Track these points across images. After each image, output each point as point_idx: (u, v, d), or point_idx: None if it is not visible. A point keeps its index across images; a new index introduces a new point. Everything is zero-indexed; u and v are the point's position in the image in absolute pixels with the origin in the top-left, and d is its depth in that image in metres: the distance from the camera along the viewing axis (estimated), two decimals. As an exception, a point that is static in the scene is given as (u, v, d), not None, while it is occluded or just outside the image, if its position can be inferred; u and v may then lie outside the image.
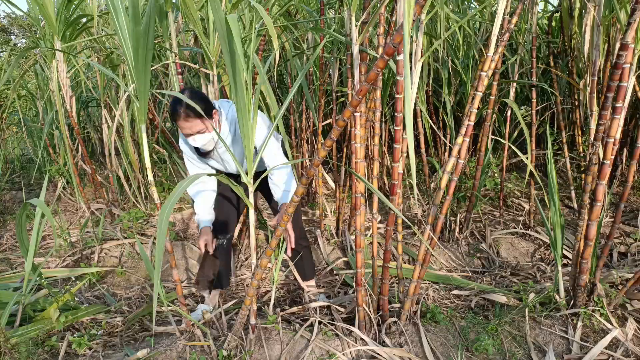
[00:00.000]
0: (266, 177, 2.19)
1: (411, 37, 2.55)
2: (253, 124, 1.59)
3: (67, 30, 2.80)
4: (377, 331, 1.90)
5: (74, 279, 2.65)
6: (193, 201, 2.30)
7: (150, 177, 1.72)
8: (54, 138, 3.73)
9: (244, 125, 1.55)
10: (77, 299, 2.38)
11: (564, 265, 2.58)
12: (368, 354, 1.78)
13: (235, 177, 2.36)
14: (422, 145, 3.29)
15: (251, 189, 1.72)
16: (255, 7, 2.73)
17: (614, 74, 1.65)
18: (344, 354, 1.76)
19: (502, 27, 1.90)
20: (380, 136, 3.49)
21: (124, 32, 1.44)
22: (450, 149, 3.01)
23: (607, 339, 1.79)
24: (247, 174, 1.67)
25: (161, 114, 3.81)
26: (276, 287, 2.64)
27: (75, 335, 1.95)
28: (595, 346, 1.78)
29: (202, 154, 2.13)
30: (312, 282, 2.47)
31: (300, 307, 2.20)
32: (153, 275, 1.83)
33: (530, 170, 2.67)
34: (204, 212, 2.25)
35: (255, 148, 2.07)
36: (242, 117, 1.53)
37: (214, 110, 1.98)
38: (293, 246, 1.98)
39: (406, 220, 1.47)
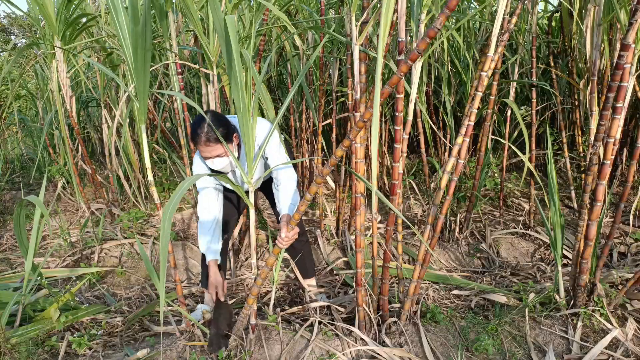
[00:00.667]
0: (271, 181, 2.17)
1: (411, 37, 2.55)
2: (253, 124, 1.59)
3: (67, 30, 2.80)
4: (377, 331, 1.90)
5: (74, 279, 2.65)
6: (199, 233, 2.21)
7: (150, 177, 1.72)
8: (54, 138, 3.73)
9: (244, 126, 1.55)
10: (77, 299, 2.38)
11: (564, 265, 2.58)
12: (368, 354, 1.78)
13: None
14: (422, 145, 3.29)
15: (251, 189, 1.73)
16: (255, 8, 2.73)
17: (615, 74, 1.65)
18: (344, 354, 1.76)
19: (502, 27, 1.90)
20: (380, 136, 3.49)
21: (124, 32, 1.44)
22: (450, 149, 3.01)
23: (607, 339, 1.79)
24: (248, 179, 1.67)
25: (161, 114, 3.81)
26: (276, 287, 2.64)
27: (75, 335, 1.95)
28: (595, 346, 1.78)
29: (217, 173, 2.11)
30: (313, 281, 2.47)
31: (300, 307, 2.20)
32: (153, 275, 1.83)
33: (530, 170, 2.67)
34: (213, 240, 2.16)
35: (262, 157, 2.06)
36: (242, 117, 1.53)
37: (234, 134, 1.95)
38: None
39: (406, 221, 1.47)
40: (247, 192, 1.75)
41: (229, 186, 2.16)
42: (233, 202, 2.36)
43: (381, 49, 1.20)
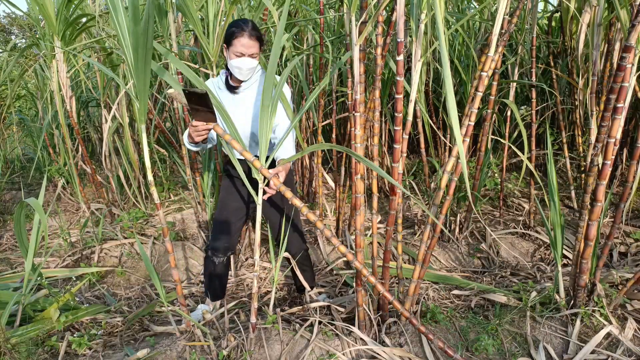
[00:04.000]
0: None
1: (410, 37, 2.55)
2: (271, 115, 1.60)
3: (67, 30, 2.80)
4: (377, 331, 1.90)
5: (74, 279, 2.65)
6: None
7: (150, 177, 1.72)
8: (54, 138, 3.73)
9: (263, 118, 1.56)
10: (77, 299, 2.38)
11: (564, 265, 2.58)
12: (368, 354, 1.78)
13: (246, 167, 2.25)
14: (422, 145, 3.29)
15: (261, 185, 1.70)
16: (254, 7, 2.73)
17: (617, 75, 1.64)
18: (343, 354, 1.76)
19: (502, 27, 1.90)
20: (380, 136, 3.49)
21: (124, 32, 1.44)
22: (450, 149, 3.01)
23: (601, 334, 1.80)
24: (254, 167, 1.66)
25: (158, 112, 3.81)
26: (276, 288, 2.64)
27: (75, 335, 1.95)
28: (589, 342, 1.78)
29: (229, 87, 2.11)
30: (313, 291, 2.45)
31: (300, 307, 2.20)
32: (153, 276, 1.83)
33: (530, 170, 2.67)
34: None
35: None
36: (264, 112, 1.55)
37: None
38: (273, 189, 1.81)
39: (407, 221, 1.47)
40: (256, 186, 1.74)
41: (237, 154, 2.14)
42: (236, 216, 2.25)
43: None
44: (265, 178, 1.67)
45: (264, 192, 1.73)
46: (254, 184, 1.77)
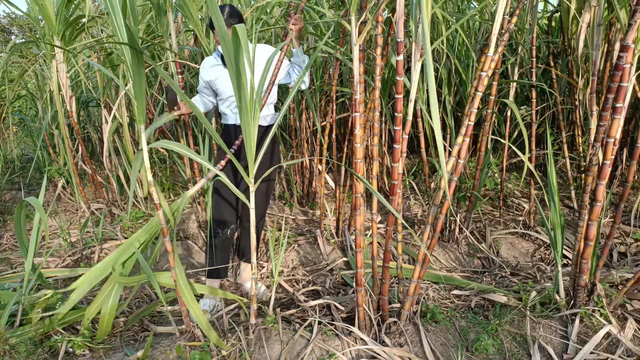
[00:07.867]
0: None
1: (410, 37, 2.55)
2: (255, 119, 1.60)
3: (66, 30, 2.80)
4: (377, 331, 1.90)
5: (74, 279, 2.65)
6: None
7: (149, 177, 1.72)
8: (54, 138, 3.73)
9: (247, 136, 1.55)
10: (77, 299, 2.38)
11: (564, 265, 2.58)
12: (368, 354, 1.78)
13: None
14: (422, 145, 3.29)
15: (252, 188, 1.72)
16: (258, 8, 2.73)
17: (614, 75, 1.65)
18: (343, 354, 1.76)
19: (502, 27, 1.90)
20: (380, 136, 3.48)
21: (122, 32, 1.44)
22: (450, 150, 3.01)
23: (600, 334, 1.80)
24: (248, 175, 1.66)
25: (160, 113, 3.80)
26: (275, 290, 2.64)
27: (75, 335, 1.95)
28: (589, 342, 1.78)
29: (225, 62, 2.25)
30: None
31: (300, 307, 2.20)
32: (151, 278, 1.83)
33: (530, 170, 2.66)
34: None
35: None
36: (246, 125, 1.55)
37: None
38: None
39: (404, 223, 1.47)
40: (247, 191, 1.74)
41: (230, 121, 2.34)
42: (233, 194, 2.36)
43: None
44: (255, 181, 1.71)
45: None
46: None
